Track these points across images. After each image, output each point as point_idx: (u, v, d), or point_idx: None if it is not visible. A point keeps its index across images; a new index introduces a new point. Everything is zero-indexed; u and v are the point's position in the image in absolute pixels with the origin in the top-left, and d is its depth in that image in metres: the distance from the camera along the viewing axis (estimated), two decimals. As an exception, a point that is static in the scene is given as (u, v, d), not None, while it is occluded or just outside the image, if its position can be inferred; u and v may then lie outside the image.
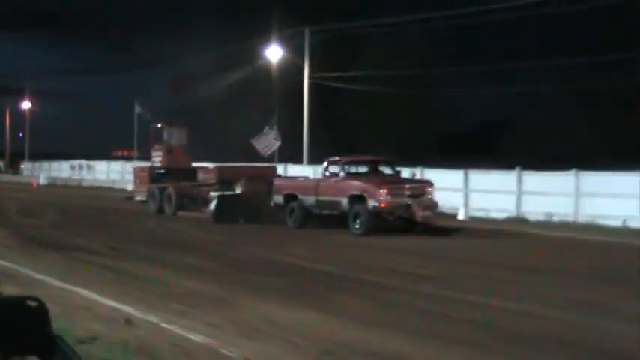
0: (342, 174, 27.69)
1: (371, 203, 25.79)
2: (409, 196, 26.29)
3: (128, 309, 12.46)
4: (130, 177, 58.44)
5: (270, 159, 44.12)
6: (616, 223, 28.39)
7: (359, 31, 51.47)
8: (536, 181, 32.60)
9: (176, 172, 36.52)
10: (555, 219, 30.58)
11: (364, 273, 17.93)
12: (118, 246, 22.27)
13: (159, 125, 40.48)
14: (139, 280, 16.19)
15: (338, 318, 12.47)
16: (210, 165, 37.48)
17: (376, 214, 25.84)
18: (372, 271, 18.40)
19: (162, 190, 35.25)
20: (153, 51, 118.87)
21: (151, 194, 36.10)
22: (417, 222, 26.06)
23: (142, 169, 39.97)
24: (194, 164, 38.93)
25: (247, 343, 10.41)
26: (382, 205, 25.69)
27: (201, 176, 34.99)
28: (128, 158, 66.25)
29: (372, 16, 52.81)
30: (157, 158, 38.97)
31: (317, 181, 29.41)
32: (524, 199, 32.48)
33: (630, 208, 28.52)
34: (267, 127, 38.91)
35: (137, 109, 63.40)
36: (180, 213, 33.69)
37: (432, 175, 32.47)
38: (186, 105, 78.84)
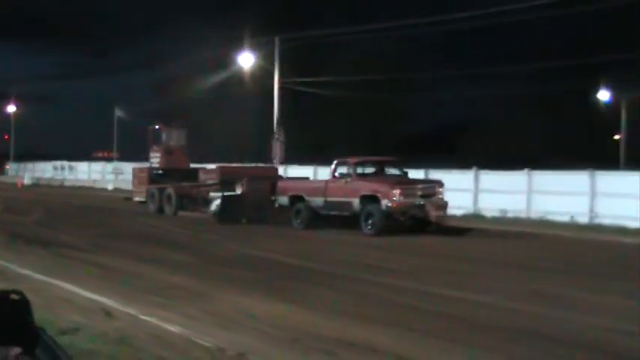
0: (352, 174, 26.54)
1: (384, 203, 24.78)
2: (421, 196, 25.50)
3: (109, 302, 12.35)
4: (110, 177, 58.63)
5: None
6: (565, 218, 28.75)
7: (329, 39, 51.62)
8: (492, 179, 32.90)
9: (175, 173, 35.61)
10: (509, 215, 30.90)
11: (340, 268, 17.82)
12: (101, 242, 22.10)
13: (157, 126, 39.16)
14: (120, 274, 16.08)
15: (311, 310, 12.40)
16: (212, 165, 36.25)
17: (389, 214, 24.89)
18: (347, 265, 18.32)
19: (161, 191, 34.30)
20: (131, 56, 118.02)
21: (150, 194, 35.09)
22: (430, 222, 25.27)
23: (140, 169, 38.50)
24: (193, 165, 38.12)
25: (222, 334, 10.35)
26: (395, 206, 24.78)
27: (203, 176, 33.85)
28: (108, 159, 65.93)
29: (341, 25, 52.93)
30: (156, 159, 37.80)
31: (326, 181, 27.93)
32: (481, 196, 32.84)
33: (578, 204, 28.92)
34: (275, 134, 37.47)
35: (117, 112, 63.17)
36: (181, 213, 32.81)
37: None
38: (166, 107, 78.82)
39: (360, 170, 27.21)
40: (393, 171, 27.89)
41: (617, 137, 60.47)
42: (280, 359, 8.98)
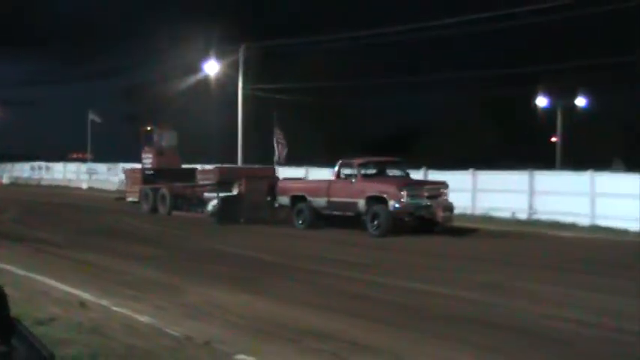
0: (357, 175, 25.06)
1: (391, 204, 23.50)
2: (427, 197, 24.22)
3: (84, 294, 12.23)
4: (85, 177, 58.16)
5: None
6: (506, 214, 29.04)
7: (292, 48, 51.80)
8: (440, 179, 32.92)
9: (167, 173, 34.25)
10: (456, 211, 30.99)
11: (309, 263, 17.78)
12: (77, 239, 21.87)
13: (148, 127, 37.40)
14: (94, 268, 15.91)
15: (276, 301, 12.40)
16: (210, 166, 34.62)
17: (396, 215, 23.66)
18: (314, 260, 18.33)
19: (155, 191, 33.07)
20: (104, 63, 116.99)
21: (143, 194, 33.80)
22: (437, 222, 24.02)
23: (133, 170, 37.28)
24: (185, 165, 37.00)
25: (190, 323, 10.29)
26: (402, 207, 23.54)
27: (200, 176, 32.70)
28: (83, 160, 65.30)
29: (304, 34, 52.96)
30: (148, 160, 36.25)
31: (329, 182, 26.18)
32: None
33: (518, 201, 29.21)
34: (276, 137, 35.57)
35: (91, 115, 62.72)
36: (175, 213, 31.46)
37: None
38: (137, 111, 78.47)
39: (364, 171, 25.63)
40: (395, 172, 26.59)
41: (554, 140, 61.16)
42: (245, 347, 8.92)
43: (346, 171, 25.77)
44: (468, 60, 62.64)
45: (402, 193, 23.57)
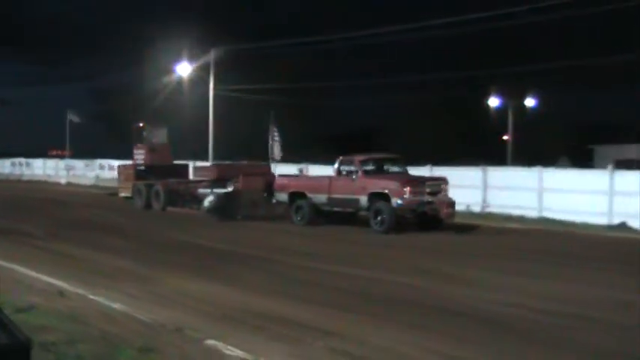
0: (359, 172, 23.95)
1: (395, 201, 22.45)
2: (429, 194, 23.08)
3: (62, 284, 12.25)
4: (63, 172, 57.73)
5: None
6: (462, 208, 29.21)
7: (261, 51, 52.01)
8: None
9: (159, 169, 33.19)
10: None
11: (274, 254, 17.81)
12: (56, 232, 21.73)
13: (140, 124, 35.98)
14: (72, 259, 15.91)
15: (242, 289, 12.48)
16: (208, 163, 33.50)
17: (399, 211, 22.61)
18: (281, 252, 18.34)
19: (149, 187, 31.90)
20: (83, 66, 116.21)
21: (136, 190, 32.76)
22: (440, 219, 23.09)
23: (125, 166, 36.03)
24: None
25: (161, 311, 10.37)
26: (406, 204, 22.43)
27: (198, 173, 31.63)
28: (62, 157, 64.77)
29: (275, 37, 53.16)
30: (140, 156, 34.91)
31: (330, 178, 25.06)
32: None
33: (473, 196, 29.44)
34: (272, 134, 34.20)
35: (69, 115, 62.31)
36: (169, 209, 30.44)
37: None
38: (111, 111, 78.13)
39: (365, 168, 24.39)
40: (394, 168, 25.36)
41: (505, 138, 61.72)
42: (214, 332, 9.02)
43: (347, 168, 24.67)
44: (426, 63, 63.10)
45: (405, 189, 22.59)
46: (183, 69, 46.87)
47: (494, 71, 54.57)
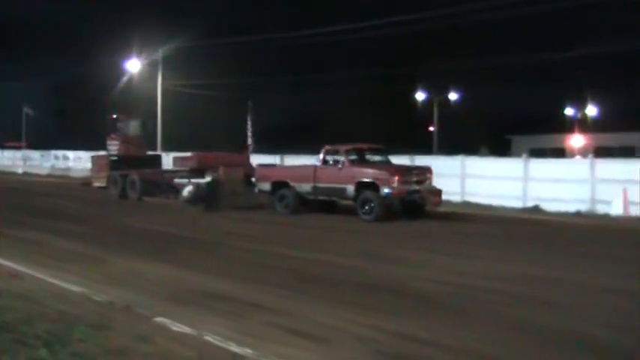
0: (345, 161, 22.95)
1: (384, 190, 21.55)
2: (415, 183, 22.28)
3: (20, 267, 12.07)
4: (20, 163, 56.69)
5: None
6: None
7: (207, 49, 51.83)
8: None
9: (133, 160, 31.83)
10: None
11: (219, 237, 17.87)
12: (14, 218, 21.24)
13: (114, 116, 34.40)
14: (31, 244, 15.59)
15: (188, 270, 12.46)
16: (189, 153, 30.93)
17: (388, 200, 21.62)
18: (225, 235, 18.41)
19: (124, 177, 30.38)
20: (38, 61, 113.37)
21: (112, 180, 31.23)
22: (424, 207, 22.45)
23: (100, 156, 34.36)
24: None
25: (114, 291, 10.31)
26: (396, 193, 21.54)
27: (178, 163, 29.78)
28: (18, 148, 63.47)
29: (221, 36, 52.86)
30: (114, 147, 33.44)
31: (315, 167, 23.87)
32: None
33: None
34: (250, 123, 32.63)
35: (25, 109, 61.26)
36: (146, 198, 28.91)
37: (258, 158, 32.50)
38: (66, 106, 76.88)
39: (351, 157, 23.35)
40: (376, 158, 24.25)
41: (431, 129, 62.50)
42: (162, 310, 9.03)
43: (332, 157, 23.63)
44: (360, 60, 63.43)
45: (394, 178, 21.71)
46: (133, 65, 46.37)
47: (422, 68, 55.49)
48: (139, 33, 48.36)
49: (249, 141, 30.33)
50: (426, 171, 23.30)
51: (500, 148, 54.69)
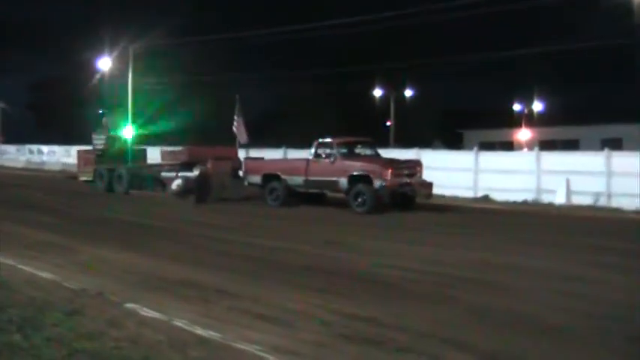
0: (336, 155, 22.31)
1: (377, 183, 20.97)
2: (406, 175, 21.72)
3: (-8, 256, 11.86)
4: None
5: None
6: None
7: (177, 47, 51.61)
8: (297, 155, 33.16)
9: (118, 154, 30.97)
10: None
11: (185, 226, 17.74)
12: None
13: (100, 111, 33.16)
14: (3, 234, 15.25)
15: (156, 258, 12.32)
16: (179, 147, 29.59)
17: (381, 193, 21.00)
18: (190, 224, 18.31)
19: (111, 171, 29.38)
20: (13, 58, 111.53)
21: (98, 174, 30.01)
22: (414, 199, 21.91)
23: (86, 151, 32.89)
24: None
25: (84, 278, 10.15)
26: (389, 185, 20.95)
27: (169, 156, 28.61)
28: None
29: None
30: (99, 141, 32.00)
31: (307, 161, 23.21)
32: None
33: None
34: (235, 117, 31.41)
35: (1, 105, 60.42)
36: (132, 192, 28.10)
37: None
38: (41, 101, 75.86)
39: (343, 150, 22.75)
40: (366, 151, 23.73)
41: (388, 123, 62.74)
42: (132, 296, 8.92)
43: (324, 150, 23.01)
44: (319, 58, 63.50)
45: (387, 171, 21.13)
46: (104, 64, 45.83)
47: (379, 66, 55.72)
48: (112, 31, 47.73)
49: (241, 135, 29.32)
50: (416, 164, 22.84)
51: (453, 142, 55.12)
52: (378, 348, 6.93)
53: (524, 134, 55.89)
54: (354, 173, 21.72)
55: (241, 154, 29.29)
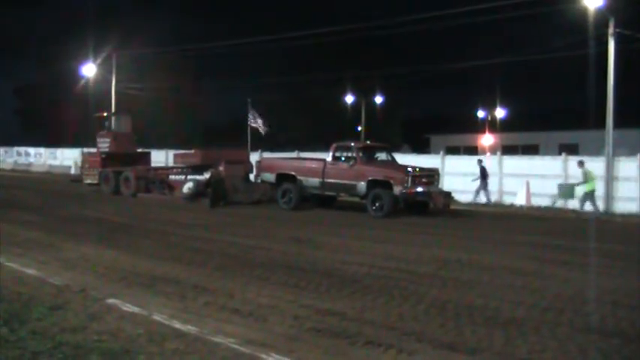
0: (356, 159, 21.60)
1: (397, 189, 20.40)
2: (425, 184, 21.04)
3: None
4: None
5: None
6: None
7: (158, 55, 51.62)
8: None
9: (124, 156, 29.43)
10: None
11: (165, 225, 17.60)
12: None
13: (104, 114, 31.67)
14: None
15: (135, 255, 12.33)
16: (192, 150, 28.90)
17: (400, 199, 20.52)
18: (171, 224, 18.15)
19: (117, 173, 28.04)
20: (5, 64, 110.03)
21: (103, 177, 28.66)
22: (428, 205, 21.08)
23: (91, 154, 31.22)
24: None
25: (68, 274, 10.16)
26: (409, 192, 20.41)
27: (181, 160, 27.72)
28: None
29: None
30: (104, 144, 30.13)
31: (325, 163, 22.36)
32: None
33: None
34: (251, 115, 30.14)
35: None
36: (140, 194, 26.86)
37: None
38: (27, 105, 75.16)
39: (362, 155, 22.00)
40: (383, 156, 23.07)
41: (359, 129, 62.96)
42: (113, 292, 8.95)
43: (342, 154, 22.40)
44: (292, 66, 63.58)
45: (407, 178, 20.56)
46: (89, 70, 45.53)
47: (350, 74, 55.96)
48: (95, 38, 47.44)
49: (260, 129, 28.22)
50: (434, 173, 22.23)
51: (420, 146, 55.46)
52: (346, 341, 7.06)
53: (487, 139, 56.39)
54: (374, 178, 21.09)
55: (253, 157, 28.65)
